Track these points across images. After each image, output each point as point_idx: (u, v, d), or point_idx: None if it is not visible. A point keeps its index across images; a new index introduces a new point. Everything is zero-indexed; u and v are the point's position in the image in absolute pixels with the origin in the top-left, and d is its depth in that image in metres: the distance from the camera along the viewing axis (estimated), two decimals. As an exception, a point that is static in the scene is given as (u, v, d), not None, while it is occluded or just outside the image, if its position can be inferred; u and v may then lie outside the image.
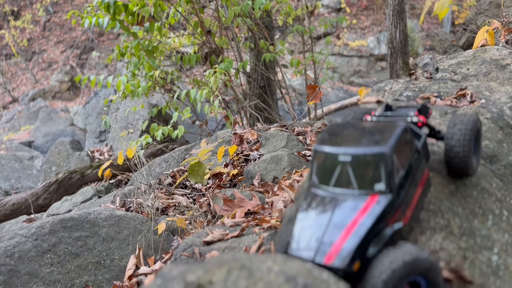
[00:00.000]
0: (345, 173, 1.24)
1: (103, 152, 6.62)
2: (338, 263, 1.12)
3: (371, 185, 1.21)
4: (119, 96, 5.20)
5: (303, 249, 1.19)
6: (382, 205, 1.18)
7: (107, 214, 3.11)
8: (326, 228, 1.19)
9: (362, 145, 1.25)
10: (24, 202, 5.18)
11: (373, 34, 18.34)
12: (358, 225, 1.16)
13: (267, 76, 5.76)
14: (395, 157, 1.22)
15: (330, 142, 1.31)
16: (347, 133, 1.37)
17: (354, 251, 1.12)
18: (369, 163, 1.22)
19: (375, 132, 1.31)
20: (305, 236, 1.21)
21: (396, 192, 1.20)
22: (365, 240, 1.14)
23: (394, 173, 1.21)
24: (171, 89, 5.53)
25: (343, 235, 1.16)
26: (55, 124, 14.16)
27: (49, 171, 6.51)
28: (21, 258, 2.70)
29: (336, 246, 1.15)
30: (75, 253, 2.84)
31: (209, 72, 4.49)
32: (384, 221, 1.17)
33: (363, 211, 1.18)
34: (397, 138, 1.26)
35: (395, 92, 2.53)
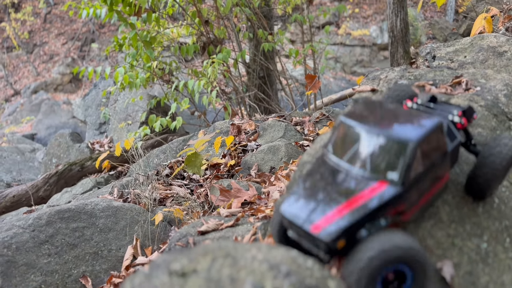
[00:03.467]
0: (364, 152, 1.20)
1: (103, 143, 6.63)
2: (324, 235, 1.10)
3: (385, 172, 1.17)
4: (118, 87, 5.19)
5: (294, 212, 1.17)
6: (388, 195, 1.14)
7: (104, 205, 3.12)
8: (324, 198, 1.17)
9: (389, 129, 1.21)
10: (25, 194, 5.20)
11: (375, 23, 18.19)
12: (356, 206, 1.13)
13: (267, 66, 5.73)
14: (419, 151, 1.17)
15: (358, 117, 1.27)
16: (378, 113, 1.32)
17: (342, 229, 1.10)
18: (390, 148, 1.17)
19: (408, 120, 1.26)
20: (300, 199, 1.20)
21: (407, 187, 1.16)
22: (358, 222, 1.11)
23: (412, 167, 1.15)
24: (170, 80, 5.51)
25: (337, 210, 1.13)
26: (57, 117, 14.18)
27: (49, 163, 6.54)
28: (19, 249, 2.72)
29: (327, 219, 1.12)
30: (73, 244, 2.86)
31: (207, 62, 4.47)
32: (384, 210, 1.14)
33: (366, 194, 1.16)
34: (427, 132, 1.20)
35: (390, 81, 2.51)
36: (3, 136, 11.93)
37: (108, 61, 18.41)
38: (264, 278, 0.97)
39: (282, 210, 1.20)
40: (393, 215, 1.16)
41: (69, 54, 20.51)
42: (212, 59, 4.49)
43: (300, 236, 1.19)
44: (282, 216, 1.21)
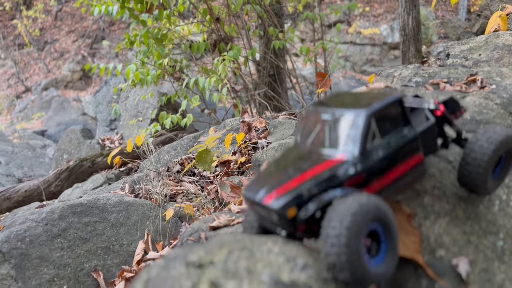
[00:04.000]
0: (322, 131, 1.26)
1: (113, 140, 6.67)
2: (273, 204, 1.11)
3: (341, 145, 1.21)
4: (129, 84, 5.22)
5: (253, 192, 1.20)
6: (342, 165, 1.16)
7: (116, 200, 3.15)
8: (282, 177, 1.19)
9: (347, 107, 1.26)
10: (36, 189, 5.26)
11: (386, 21, 18.07)
12: (308, 177, 1.15)
13: (277, 64, 5.73)
14: (375, 122, 1.21)
15: (321, 104, 1.33)
16: (344, 99, 1.37)
17: (291, 197, 1.11)
18: (346, 123, 1.22)
19: (368, 99, 1.29)
20: (262, 181, 1.23)
21: (363, 156, 1.18)
22: (308, 190, 1.12)
23: (367, 137, 1.19)
24: (180, 77, 5.53)
25: (290, 182, 1.15)
26: (67, 113, 14.29)
27: (60, 159, 6.60)
28: (32, 242, 2.75)
29: (279, 190, 1.14)
30: (85, 238, 2.89)
31: (218, 60, 4.48)
32: (339, 179, 1.15)
33: (320, 167, 1.18)
34: (383, 105, 1.24)
35: (404, 78, 2.50)
36: (14, 132, 12.06)
37: (118, 58, 18.52)
38: (281, 270, 0.98)
39: (244, 193, 1.24)
40: (351, 185, 1.16)
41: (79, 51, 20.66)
42: (223, 57, 4.50)
43: (262, 218, 1.22)
44: (245, 199, 1.24)
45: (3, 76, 22.31)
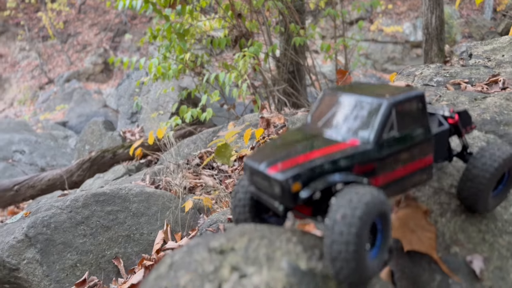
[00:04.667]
0: (338, 114, 1.25)
1: (134, 132, 6.79)
2: (279, 175, 1.08)
3: (357, 131, 1.19)
4: (151, 78, 5.31)
5: (256, 161, 1.17)
6: (355, 150, 1.14)
7: (138, 190, 3.24)
8: (290, 152, 1.17)
9: (368, 94, 1.25)
10: (59, 178, 5.41)
11: (409, 19, 17.81)
12: (319, 155, 1.13)
13: (297, 61, 5.74)
14: (395, 114, 1.19)
15: (341, 89, 1.32)
16: (363, 87, 1.35)
17: (298, 171, 1.08)
18: (366, 110, 1.20)
19: (389, 91, 1.28)
20: (266, 153, 1.21)
21: (377, 146, 1.16)
22: (316, 168, 1.09)
23: (385, 126, 1.17)
24: (201, 72, 5.60)
25: (298, 158, 1.13)
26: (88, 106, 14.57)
27: (82, 149, 6.76)
28: (57, 229, 2.86)
29: (286, 163, 1.11)
30: (107, 226, 2.98)
31: (238, 55, 4.52)
32: (348, 164, 1.12)
33: (331, 148, 1.16)
34: (406, 97, 1.22)
35: (425, 77, 2.50)
36: (37, 122, 12.34)
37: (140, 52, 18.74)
38: (299, 259, 1.02)
39: (245, 160, 1.22)
40: (359, 173, 1.14)
41: (101, 44, 20.97)
42: (243, 52, 4.55)
43: (260, 190, 1.19)
44: (244, 167, 1.22)
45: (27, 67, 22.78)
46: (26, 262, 2.71)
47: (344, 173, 1.11)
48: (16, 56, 22.64)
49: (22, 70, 22.14)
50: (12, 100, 20.84)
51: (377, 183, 1.18)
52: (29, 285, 2.69)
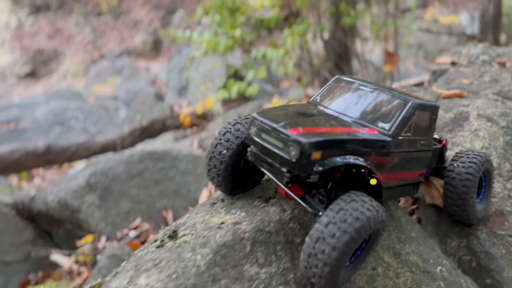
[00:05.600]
0: (356, 101, 1.24)
1: (182, 105, 7.10)
2: (302, 138, 1.00)
3: (376, 121, 1.19)
4: (202, 52, 5.54)
5: (270, 119, 1.10)
6: (376, 137, 1.13)
7: (187, 152, 3.49)
8: (309, 120, 1.13)
9: (391, 90, 1.25)
10: (112, 142, 5.78)
11: (467, 10, 17.10)
12: (344, 131, 1.10)
13: (345, 43, 5.79)
14: (416, 116, 1.19)
15: (360, 79, 1.31)
16: (380, 84, 1.35)
17: (324, 139, 1.02)
18: (389, 103, 1.20)
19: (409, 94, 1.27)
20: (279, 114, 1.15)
21: (394, 141, 1.15)
22: (341, 143, 1.05)
23: (406, 125, 1.17)
24: (249, 50, 5.77)
25: (322, 128, 1.09)
26: (137, 82, 15.12)
27: (133, 118, 7.15)
28: (115, 179, 3.15)
29: (309, 129, 1.05)
30: (158, 181, 3.25)
31: (287, 33, 4.65)
32: (369, 149, 1.10)
33: (355, 129, 1.15)
34: (426, 103, 1.22)
35: (471, 56, 2.55)
36: (90, 94, 12.98)
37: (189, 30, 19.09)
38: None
39: (255, 115, 1.13)
40: (374, 162, 1.12)
41: (152, 22, 21.53)
42: (292, 30, 4.67)
43: (263, 150, 1.09)
44: (252, 123, 1.13)
45: (81, 42, 23.71)
46: (87, 205, 3.02)
47: (364, 157, 1.08)
48: (71, 30, 23.63)
49: (76, 45, 23.10)
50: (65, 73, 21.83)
51: (383, 179, 1.16)
52: (88, 226, 3.00)
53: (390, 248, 1.26)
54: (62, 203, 3.00)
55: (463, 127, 1.77)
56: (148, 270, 1.03)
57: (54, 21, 23.83)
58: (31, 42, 22.69)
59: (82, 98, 10.92)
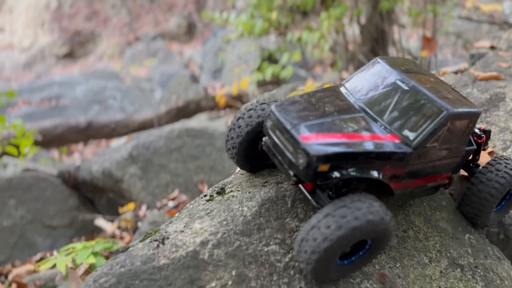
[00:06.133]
0: (388, 98, 1.13)
1: (216, 87, 7.26)
2: (311, 148, 0.97)
3: (402, 128, 1.09)
4: (237, 35, 5.63)
5: (287, 115, 1.06)
6: (394, 148, 1.05)
7: (223, 129, 3.63)
8: (325, 119, 1.07)
9: (429, 91, 1.12)
10: (149, 121, 6.00)
11: (510, -3, 16.38)
12: (357, 140, 1.04)
13: (382, 28, 5.75)
14: (449, 126, 1.09)
15: (402, 70, 1.19)
16: (427, 78, 1.20)
17: (334, 152, 0.98)
18: (422, 109, 1.09)
19: (453, 97, 1.16)
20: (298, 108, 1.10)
21: (416, 153, 1.07)
22: (351, 156, 1.01)
23: (434, 136, 1.08)
24: (284, 33, 5.82)
25: (336, 135, 1.03)
26: (171, 65, 15.38)
27: (169, 98, 7.37)
28: (155, 152, 3.33)
29: (321, 136, 1.01)
30: (195, 156, 3.41)
31: (324, 16, 4.68)
32: (385, 161, 1.04)
33: (372, 136, 1.06)
34: (465, 113, 1.11)
35: (511, 41, 2.55)
36: (127, 75, 13.33)
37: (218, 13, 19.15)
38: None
39: (274, 109, 1.08)
40: (388, 174, 1.08)
41: (187, 6, 21.72)
42: (329, 13, 4.69)
43: (275, 146, 1.07)
44: (269, 115, 1.09)
45: (117, 24, 24.16)
46: (129, 176, 3.22)
47: (376, 170, 1.04)
48: (108, 12, 24.11)
49: (113, 27, 23.58)
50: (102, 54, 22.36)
51: (396, 188, 1.12)
52: (129, 195, 3.20)
53: (421, 214, 1.34)
54: (106, 173, 3.20)
55: (498, 107, 1.81)
56: (201, 217, 1.17)
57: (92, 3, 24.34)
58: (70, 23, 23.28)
59: (119, 78, 11.26)
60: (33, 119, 6.70)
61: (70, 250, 1.86)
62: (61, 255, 1.82)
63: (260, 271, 1.07)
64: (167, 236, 1.12)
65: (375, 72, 1.20)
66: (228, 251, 1.09)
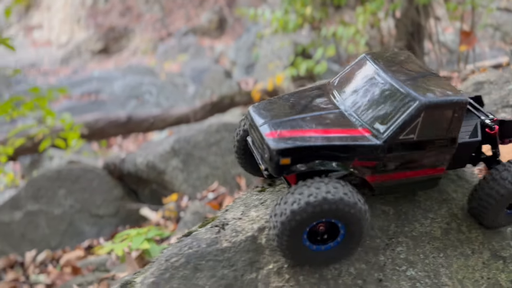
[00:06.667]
0: (366, 93, 1.16)
1: (248, 82, 7.36)
2: (272, 143, 1.05)
3: (374, 121, 1.11)
4: (272, 31, 5.70)
5: (260, 114, 1.14)
6: (361, 142, 1.07)
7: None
8: (295, 117, 1.12)
9: (405, 83, 1.12)
10: (185, 115, 6.17)
11: (552, -13, 15.69)
12: (320, 135, 1.08)
13: (418, 22, 5.68)
14: (423, 117, 1.07)
15: (385, 63, 1.20)
16: (413, 70, 1.21)
17: (292, 146, 1.05)
18: (394, 101, 1.10)
19: (434, 87, 1.14)
20: (274, 107, 1.17)
21: (387, 146, 1.08)
22: (313, 149, 1.06)
23: (405, 128, 1.08)
24: (318, 27, 5.84)
25: (300, 130, 1.09)
26: (202, 60, 15.57)
27: (203, 93, 7.54)
28: (195, 146, 3.47)
29: (285, 132, 1.08)
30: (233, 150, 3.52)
31: (360, 10, 4.68)
32: (350, 154, 1.07)
33: (340, 130, 1.10)
34: (442, 102, 1.09)
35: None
36: (161, 70, 13.63)
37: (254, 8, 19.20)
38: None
39: (250, 108, 1.18)
40: (358, 166, 1.10)
41: (218, 1, 21.88)
42: (364, 7, 4.69)
43: (254, 143, 1.18)
44: (247, 115, 1.19)
45: (150, 20, 24.56)
46: (171, 168, 3.36)
47: (344, 162, 1.08)
48: (141, 8, 24.54)
49: (146, 22, 24.00)
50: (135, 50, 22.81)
51: (373, 180, 1.13)
52: (172, 187, 3.35)
53: (464, 208, 1.39)
54: (150, 165, 3.37)
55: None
56: (256, 206, 1.27)
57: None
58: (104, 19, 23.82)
59: (154, 74, 11.55)
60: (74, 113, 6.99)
61: (124, 237, 2.00)
62: (117, 241, 1.96)
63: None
64: (226, 223, 1.23)
65: (359, 68, 1.23)
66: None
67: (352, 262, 1.17)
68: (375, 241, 1.23)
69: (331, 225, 1.06)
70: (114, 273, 2.21)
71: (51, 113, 3.48)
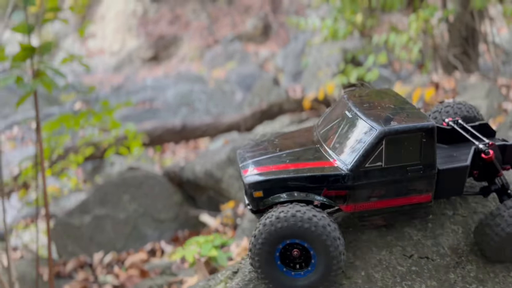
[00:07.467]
0: (336, 128, 1.23)
1: (296, 90, 7.45)
2: (246, 178, 1.20)
3: (341, 153, 1.18)
4: (322, 39, 5.76)
5: (244, 153, 1.30)
6: (330, 171, 1.15)
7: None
8: (276, 154, 1.25)
9: (369, 115, 1.18)
10: (236, 123, 6.34)
11: None
12: (293, 167, 1.18)
13: (472, 27, 5.54)
14: (385, 144, 1.12)
15: (355, 100, 1.28)
16: (381, 102, 1.28)
17: (261, 180, 1.16)
18: (359, 131, 1.17)
19: (400, 114, 1.19)
20: (258, 148, 1.32)
21: (353, 174, 1.13)
22: (282, 181, 1.15)
23: (368, 157, 1.12)
24: (369, 34, 5.83)
25: (275, 166, 1.20)
26: (247, 66, 15.76)
27: (252, 101, 7.70)
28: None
29: (262, 168, 1.21)
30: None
31: (413, 18, 4.64)
32: (318, 184, 1.15)
33: (310, 163, 1.19)
34: (403, 129, 1.13)
35: None
36: (210, 78, 13.97)
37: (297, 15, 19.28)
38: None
39: (237, 152, 1.36)
40: (328, 196, 1.16)
41: (263, 7, 22.11)
42: (417, 14, 4.65)
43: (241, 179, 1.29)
44: (236, 156, 1.35)
45: (197, 28, 25.14)
46: (228, 176, 3.51)
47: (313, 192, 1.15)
48: (188, 17, 25.22)
49: (193, 30, 24.62)
50: (183, 57, 23.44)
51: (349, 210, 1.19)
52: (228, 194, 3.50)
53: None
54: (208, 173, 3.53)
55: None
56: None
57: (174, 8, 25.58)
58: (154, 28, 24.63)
59: (203, 81, 11.87)
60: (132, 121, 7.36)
61: (193, 243, 2.14)
62: (187, 246, 2.10)
63: (384, 273, 1.23)
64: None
65: (337, 106, 1.33)
66: (356, 253, 1.26)
67: (424, 279, 1.22)
68: (445, 260, 1.28)
69: (304, 250, 1.13)
70: (182, 277, 2.36)
71: (116, 124, 3.72)
